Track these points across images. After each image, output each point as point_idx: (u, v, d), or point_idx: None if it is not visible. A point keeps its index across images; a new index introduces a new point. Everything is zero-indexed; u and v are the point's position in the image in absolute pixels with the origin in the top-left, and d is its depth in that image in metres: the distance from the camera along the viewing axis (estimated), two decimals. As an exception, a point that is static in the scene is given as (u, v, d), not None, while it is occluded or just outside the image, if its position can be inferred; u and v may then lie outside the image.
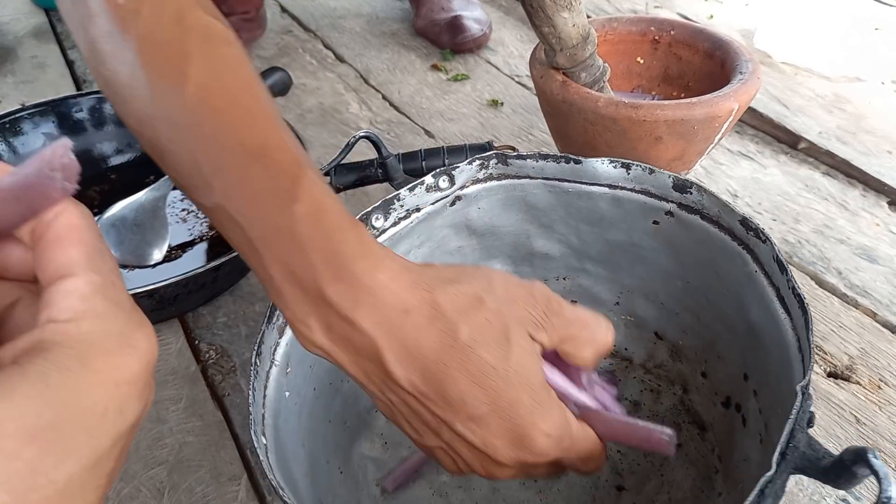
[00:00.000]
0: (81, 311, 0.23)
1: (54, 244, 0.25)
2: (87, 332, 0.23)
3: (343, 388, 0.56)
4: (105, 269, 0.25)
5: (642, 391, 0.61)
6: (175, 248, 0.75)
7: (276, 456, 0.42)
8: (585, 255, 0.61)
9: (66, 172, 0.24)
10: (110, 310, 0.24)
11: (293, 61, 1.17)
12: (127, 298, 0.25)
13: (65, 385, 0.22)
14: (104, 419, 0.23)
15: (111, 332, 0.24)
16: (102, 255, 0.25)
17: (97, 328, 0.23)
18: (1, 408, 0.20)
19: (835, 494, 0.55)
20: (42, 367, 0.21)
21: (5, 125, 0.81)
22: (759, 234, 0.48)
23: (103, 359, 0.23)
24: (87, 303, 0.24)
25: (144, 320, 0.25)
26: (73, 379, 0.22)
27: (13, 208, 0.24)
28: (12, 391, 0.21)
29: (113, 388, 0.23)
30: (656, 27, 0.81)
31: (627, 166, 0.54)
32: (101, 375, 0.23)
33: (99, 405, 0.22)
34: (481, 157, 0.56)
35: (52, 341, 0.22)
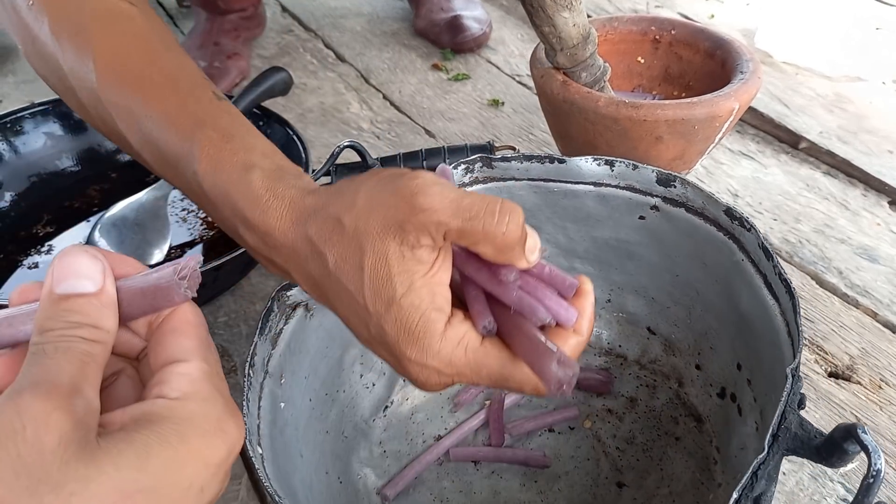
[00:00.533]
0: (189, 393, 0.27)
1: (171, 333, 0.29)
2: (191, 411, 0.26)
3: (339, 398, 0.56)
4: (212, 360, 0.29)
5: (638, 387, 0.61)
6: (176, 248, 0.75)
7: (273, 466, 0.42)
8: (574, 253, 0.61)
9: (191, 282, 0.28)
10: (213, 395, 0.27)
11: (294, 61, 1.17)
12: (226, 389, 0.29)
13: (163, 456, 0.24)
14: (188, 493, 0.25)
15: (210, 415, 0.26)
16: (210, 348, 0.29)
17: (200, 410, 0.26)
18: (106, 469, 0.23)
19: (835, 493, 0.55)
20: (147, 438, 0.24)
21: (6, 125, 0.81)
22: (743, 223, 0.48)
23: (200, 439, 0.26)
24: (195, 386, 0.27)
25: (237, 410, 0.28)
26: (171, 452, 0.25)
27: (139, 303, 0.28)
28: (119, 455, 0.23)
29: (202, 468, 0.26)
30: (657, 27, 0.81)
31: (611, 163, 0.54)
32: (195, 454, 0.25)
33: (187, 480, 0.25)
34: (466, 161, 0.56)
35: (160, 415, 0.25)
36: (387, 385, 0.60)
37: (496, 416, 0.58)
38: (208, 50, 1.09)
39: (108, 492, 0.23)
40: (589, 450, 0.57)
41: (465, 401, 0.61)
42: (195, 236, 0.76)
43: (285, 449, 0.46)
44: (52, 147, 0.84)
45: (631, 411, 0.59)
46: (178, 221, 0.78)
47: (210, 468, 0.26)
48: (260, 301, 0.72)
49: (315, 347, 0.52)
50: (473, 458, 0.57)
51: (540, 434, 0.59)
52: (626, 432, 0.58)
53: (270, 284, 0.74)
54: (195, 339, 0.29)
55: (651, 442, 0.57)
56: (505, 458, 0.57)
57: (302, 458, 0.49)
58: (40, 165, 0.83)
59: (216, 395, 0.27)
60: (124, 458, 0.23)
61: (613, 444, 0.57)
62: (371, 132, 0.99)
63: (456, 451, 0.57)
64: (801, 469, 0.57)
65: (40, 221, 0.78)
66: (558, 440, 0.58)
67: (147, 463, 0.24)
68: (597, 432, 0.58)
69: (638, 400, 0.60)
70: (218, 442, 0.26)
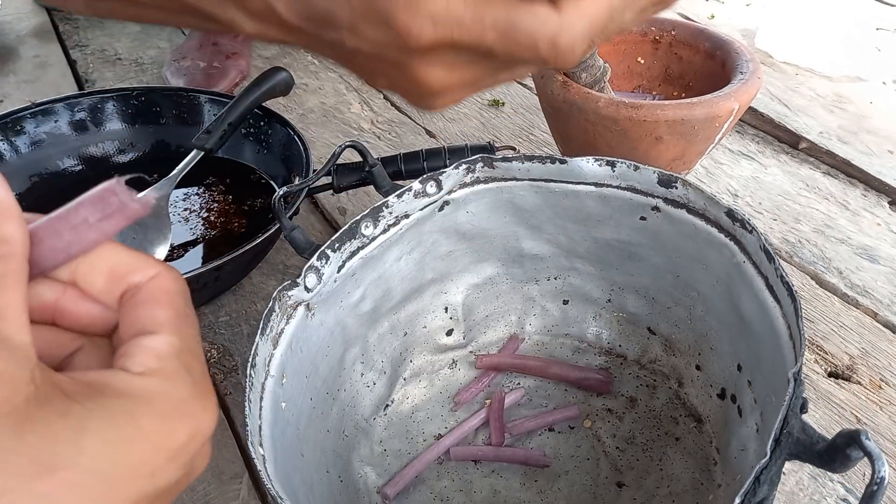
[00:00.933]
0: (153, 369, 0.24)
1: (144, 303, 0.26)
2: (149, 390, 0.23)
3: (340, 397, 0.56)
4: (187, 335, 0.26)
5: (638, 387, 0.61)
6: (177, 248, 0.75)
7: (274, 466, 0.42)
8: (574, 253, 0.62)
9: None
10: (180, 374, 0.24)
11: (295, 61, 1.17)
12: (200, 366, 0.26)
13: (104, 434, 0.22)
14: (132, 477, 0.22)
15: (172, 396, 0.24)
16: (187, 321, 0.26)
17: (160, 389, 0.24)
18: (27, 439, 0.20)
19: (835, 493, 0.55)
20: (87, 412, 0.22)
21: (7, 124, 0.81)
22: (745, 225, 0.49)
23: (153, 421, 0.23)
24: (160, 361, 0.24)
25: (209, 392, 0.25)
26: (115, 432, 0.22)
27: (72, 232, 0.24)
28: (47, 426, 0.21)
29: (152, 452, 0.23)
30: (657, 27, 0.81)
31: (612, 164, 0.54)
32: (144, 436, 0.23)
33: (131, 462, 0.22)
34: (467, 161, 0.56)
35: (113, 388, 0.23)
36: (387, 384, 0.61)
37: (496, 416, 0.59)
38: (207, 50, 1.10)
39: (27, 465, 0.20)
40: (589, 449, 0.57)
41: (465, 400, 0.61)
42: (197, 236, 0.77)
43: (286, 449, 0.46)
44: (53, 147, 0.84)
45: (631, 411, 0.60)
46: (180, 221, 0.78)
47: (163, 452, 0.23)
48: (261, 301, 0.73)
49: (316, 346, 0.52)
50: (474, 457, 0.57)
51: (540, 433, 0.59)
52: (625, 432, 0.58)
53: (271, 284, 0.75)
54: (170, 309, 0.26)
55: (651, 442, 0.57)
56: (505, 457, 0.57)
57: (303, 457, 0.49)
58: (42, 165, 0.83)
59: (184, 374, 0.25)
60: (54, 430, 0.21)
61: (613, 444, 0.57)
62: (372, 132, 0.99)
63: (456, 451, 0.57)
64: (801, 469, 0.57)
65: (42, 221, 0.78)
66: (558, 439, 0.58)
67: (82, 438, 0.21)
68: (597, 432, 0.58)
69: (638, 400, 0.60)
70: (176, 425, 0.24)
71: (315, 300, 0.51)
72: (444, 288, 0.64)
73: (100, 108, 0.86)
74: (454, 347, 0.64)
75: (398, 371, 0.62)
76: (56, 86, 1.11)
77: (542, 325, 0.66)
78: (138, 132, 0.88)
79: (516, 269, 0.64)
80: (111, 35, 1.26)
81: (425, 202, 0.56)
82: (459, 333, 0.65)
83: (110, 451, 0.22)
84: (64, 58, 1.20)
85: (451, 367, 0.64)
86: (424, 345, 0.63)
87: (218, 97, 0.86)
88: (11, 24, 1.31)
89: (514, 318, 0.66)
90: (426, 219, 0.57)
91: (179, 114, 0.87)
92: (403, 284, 0.60)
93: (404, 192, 0.55)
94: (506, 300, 0.66)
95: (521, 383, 0.63)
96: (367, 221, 0.54)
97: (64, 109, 0.84)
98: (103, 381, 0.23)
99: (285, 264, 0.77)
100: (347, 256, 0.53)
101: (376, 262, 0.55)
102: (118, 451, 0.22)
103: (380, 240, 0.54)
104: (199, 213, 0.80)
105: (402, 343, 0.62)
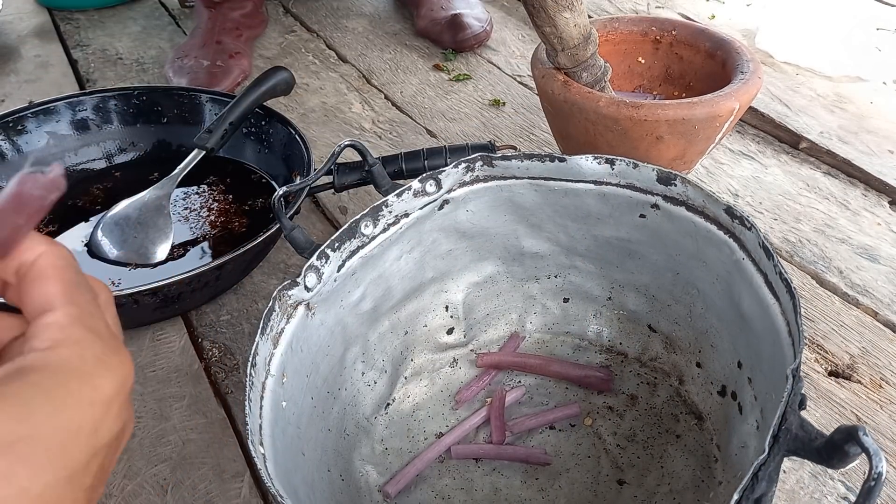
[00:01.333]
0: (60, 340, 0.25)
1: (35, 282, 0.27)
2: (65, 357, 0.25)
3: (341, 396, 0.56)
4: (82, 302, 0.27)
5: (639, 384, 0.61)
6: (178, 247, 0.75)
7: (275, 465, 0.42)
8: (575, 251, 0.62)
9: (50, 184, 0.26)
10: (87, 337, 0.26)
11: (296, 61, 1.18)
12: (104, 326, 0.27)
13: (39, 404, 0.23)
14: (78, 436, 0.24)
15: (87, 356, 0.25)
16: (80, 289, 0.27)
17: (74, 353, 0.25)
18: None
19: (836, 492, 0.55)
20: (19, 389, 0.23)
21: (9, 124, 0.81)
22: (744, 222, 0.49)
23: (78, 380, 0.25)
24: (64, 332, 0.26)
25: (121, 347, 0.27)
26: (48, 398, 0.24)
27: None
28: None
29: (87, 408, 0.25)
30: (658, 27, 0.81)
31: (612, 162, 0.54)
32: (76, 395, 0.24)
33: (73, 423, 0.24)
34: (467, 160, 0.56)
35: (32, 367, 0.24)
36: (388, 383, 0.61)
37: (497, 414, 0.59)
38: (210, 49, 1.10)
39: None
40: (590, 447, 0.57)
41: (466, 398, 0.61)
42: (198, 235, 0.77)
43: (287, 448, 0.46)
44: (54, 146, 0.84)
45: (631, 409, 0.60)
46: (181, 220, 0.78)
47: (97, 407, 0.25)
48: (262, 300, 0.73)
49: (316, 346, 0.52)
50: (474, 455, 0.57)
51: (541, 431, 0.59)
52: (626, 430, 0.58)
53: (272, 283, 0.75)
54: (60, 282, 0.27)
55: (651, 439, 0.57)
56: (506, 455, 0.57)
57: (304, 456, 0.49)
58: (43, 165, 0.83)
59: (90, 336, 0.26)
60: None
61: (614, 442, 0.57)
62: (373, 132, 0.99)
63: (457, 449, 0.57)
64: (802, 467, 0.57)
65: (43, 220, 0.78)
66: (559, 438, 0.58)
67: (23, 412, 0.23)
68: (597, 430, 0.58)
69: (638, 397, 0.60)
70: (100, 380, 0.25)
71: (315, 299, 0.51)
72: (444, 286, 0.64)
73: (101, 107, 0.86)
74: (455, 346, 0.65)
75: (399, 370, 0.62)
76: (57, 85, 1.11)
77: (543, 323, 0.66)
78: (139, 131, 0.88)
79: (516, 268, 0.64)
80: (112, 35, 1.26)
81: (425, 201, 0.56)
82: (460, 332, 0.65)
83: (52, 419, 0.23)
84: (65, 57, 1.20)
85: (452, 366, 0.64)
86: (425, 343, 0.64)
87: (219, 96, 0.86)
88: (13, 23, 1.31)
89: (514, 316, 0.66)
90: (426, 218, 0.57)
91: (180, 113, 0.87)
92: (403, 283, 0.60)
93: (404, 192, 0.55)
94: (506, 298, 0.66)
95: (522, 381, 0.63)
96: (367, 221, 0.54)
97: (65, 109, 0.85)
98: (19, 364, 0.24)
99: (286, 263, 0.77)
100: (347, 256, 0.53)
101: (376, 261, 0.55)
102: (59, 417, 0.24)
103: (380, 239, 0.55)
104: (200, 212, 0.80)
105: (402, 342, 0.62)
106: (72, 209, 0.80)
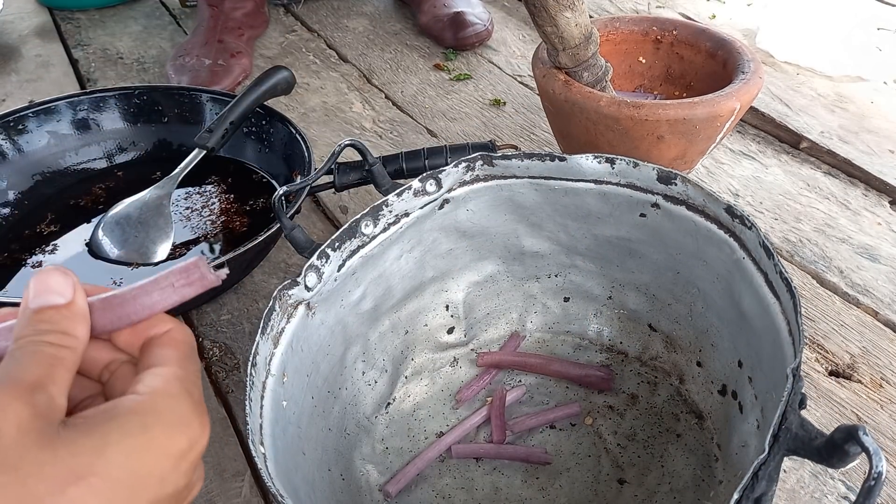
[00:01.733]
0: (158, 389, 0.28)
1: (157, 346, 0.31)
2: (157, 405, 0.28)
3: (342, 396, 0.56)
4: (190, 370, 0.31)
5: (639, 384, 0.61)
6: (179, 246, 0.75)
7: (276, 464, 0.42)
8: (575, 251, 0.62)
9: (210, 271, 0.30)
10: (182, 394, 0.29)
11: (297, 61, 1.18)
12: (199, 393, 0.30)
13: (122, 445, 0.26)
14: (147, 482, 0.26)
15: (176, 411, 0.28)
16: (191, 360, 0.31)
17: (166, 405, 0.28)
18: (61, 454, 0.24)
19: (836, 491, 0.55)
20: (108, 428, 0.26)
21: (10, 123, 0.81)
22: (744, 221, 0.49)
23: (162, 430, 0.27)
24: (165, 385, 0.29)
25: (205, 412, 0.30)
26: (132, 441, 0.26)
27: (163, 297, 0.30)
28: (75, 443, 0.25)
29: (163, 458, 0.27)
30: (658, 27, 0.81)
31: (612, 161, 0.54)
32: (156, 444, 0.27)
33: (144, 468, 0.26)
34: (467, 160, 0.56)
35: (126, 407, 0.27)
36: (389, 382, 0.61)
37: (498, 413, 0.59)
38: (212, 48, 1.10)
39: (61, 474, 0.24)
40: (590, 446, 0.57)
41: (466, 397, 0.61)
42: (198, 235, 0.77)
43: (287, 447, 0.46)
44: (55, 145, 0.84)
45: (632, 408, 0.60)
46: (182, 220, 0.78)
47: (170, 459, 0.27)
48: (263, 299, 0.73)
49: (317, 345, 0.52)
50: (475, 454, 0.57)
51: (541, 431, 0.59)
52: (627, 429, 0.58)
53: (273, 283, 0.75)
54: (178, 350, 0.31)
55: (652, 439, 0.57)
56: (506, 454, 0.57)
57: (304, 455, 0.49)
58: (44, 164, 0.83)
59: (185, 394, 0.29)
60: (81, 445, 0.25)
61: (614, 441, 0.57)
62: (373, 132, 0.99)
63: (458, 448, 0.57)
64: (802, 466, 0.57)
65: (44, 220, 0.78)
66: (559, 437, 0.58)
67: (105, 450, 0.25)
68: (598, 429, 0.58)
69: (639, 397, 0.60)
70: (180, 435, 0.28)
71: (315, 299, 0.51)
72: (444, 286, 0.64)
73: (102, 106, 0.86)
74: (455, 345, 0.65)
75: (399, 369, 0.62)
76: (58, 85, 1.11)
77: (543, 322, 0.66)
78: (140, 131, 0.88)
79: (517, 267, 0.64)
80: (113, 34, 1.26)
81: (425, 200, 0.56)
82: (460, 331, 0.65)
83: (127, 461, 0.26)
84: (66, 57, 1.20)
85: (453, 365, 0.64)
86: (425, 343, 0.64)
87: (220, 96, 0.86)
88: (14, 23, 1.31)
89: (514, 315, 0.66)
90: (426, 217, 0.57)
91: (181, 113, 0.87)
92: (404, 283, 0.60)
93: (404, 191, 0.55)
94: (506, 298, 0.66)
95: (523, 381, 0.63)
96: (367, 220, 0.54)
97: (66, 108, 0.85)
98: (116, 403, 0.27)
99: (287, 263, 0.77)
100: (348, 255, 0.53)
101: (377, 260, 0.55)
102: (133, 460, 0.26)
103: (380, 238, 0.55)
104: (201, 211, 0.80)
105: (403, 341, 0.62)
106: (73, 209, 0.80)
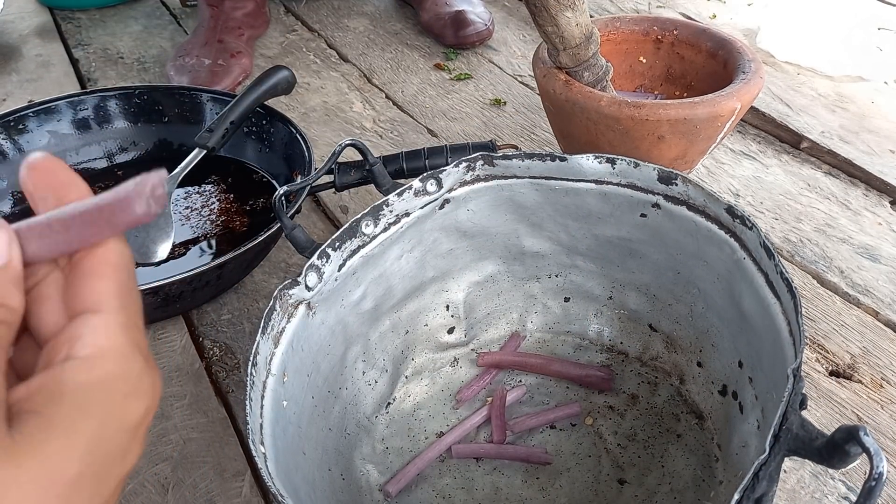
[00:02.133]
0: (105, 350, 0.23)
1: (88, 276, 0.24)
2: (110, 372, 0.23)
3: (342, 396, 0.56)
4: (132, 310, 0.25)
5: (639, 384, 0.61)
6: (179, 246, 0.75)
7: (276, 464, 0.42)
8: (575, 251, 0.62)
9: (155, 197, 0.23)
10: (132, 352, 0.24)
11: (297, 60, 1.18)
12: (144, 341, 0.25)
13: (88, 433, 0.22)
14: (114, 463, 0.23)
15: (130, 375, 0.24)
16: (131, 295, 0.25)
17: (118, 370, 0.23)
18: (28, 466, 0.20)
19: (836, 491, 0.55)
20: (68, 415, 0.21)
21: (10, 123, 0.81)
22: (745, 222, 0.49)
23: (121, 402, 0.23)
24: (111, 340, 0.24)
25: (154, 367, 0.25)
26: (96, 425, 0.22)
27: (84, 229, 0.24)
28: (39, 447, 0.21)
29: (124, 433, 0.23)
30: (659, 27, 0.81)
31: (612, 161, 0.54)
32: (118, 420, 0.23)
33: (113, 449, 0.23)
34: (468, 160, 0.56)
35: (76, 382, 0.22)
36: (389, 382, 0.61)
37: (498, 413, 0.59)
38: (212, 48, 1.10)
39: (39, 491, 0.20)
40: (590, 447, 0.57)
41: (466, 397, 0.61)
42: (199, 234, 0.77)
43: (288, 447, 0.46)
44: (56, 145, 0.84)
45: (632, 408, 0.60)
46: (182, 219, 0.78)
47: (129, 432, 0.23)
48: (263, 299, 0.73)
49: (317, 345, 0.52)
50: (475, 454, 0.57)
51: (541, 431, 0.59)
52: (627, 429, 0.58)
53: (273, 282, 0.75)
54: (114, 283, 0.24)
55: (652, 439, 0.57)
56: (506, 454, 0.57)
57: (304, 455, 0.49)
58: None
59: (134, 351, 0.24)
60: (47, 448, 0.21)
61: (615, 441, 0.57)
62: (374, 131, 0.99)
63: (458, 448, 0.57)
64: (803, 467, 0.57)
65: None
66: (560, 437, 0.58)
67: (73, 444, 0.21)
68: (598, 429, 0.58)
69: (639, 397, 0.60)
70: (135, 404, 0.24)
71: (316, 299, 0.51)
72: (445, 286, 0.64)
73: (102, 106, 0.86)
74: (455, 345, 0.65)
75: (400, 369, 0.62)
76: (58, 85, 1.11)
77: (544, 322, 0.66)
78: (140, 130, 0.88)
79: (517, 267, 0.64)
80: (113, 34, 1.26)
81: (426, 200, 0.56)
82: (461, 331, 0.65)
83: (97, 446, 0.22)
84: (66, 57, 1.20)
85: (453, 365, 0.64)
86: (426, 343, 0.64)
87: (220, 96, 0.87)
88: (14, 23, 1.31)
89: (515, 315, 0.66)
90: (427, 217, 0.57)
91: (181, 112, 0.88)
92: (404, 283, 0.60)
93: (405, 191, 0.55)
94: (507, 298, 0.66)
95: (523, 381, 0.63)
96: (368, 220, 0.54)
97: (66, 108, 0.85)
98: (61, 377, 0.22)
99: (287, 263, 0.77)
100: (348, 255, 0.53)
101: (377, 260, 0.55)
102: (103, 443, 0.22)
103: (380, 238, 0.55)
104: (201, 211, 0.80)
105: (403, 341, 0.62)
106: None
